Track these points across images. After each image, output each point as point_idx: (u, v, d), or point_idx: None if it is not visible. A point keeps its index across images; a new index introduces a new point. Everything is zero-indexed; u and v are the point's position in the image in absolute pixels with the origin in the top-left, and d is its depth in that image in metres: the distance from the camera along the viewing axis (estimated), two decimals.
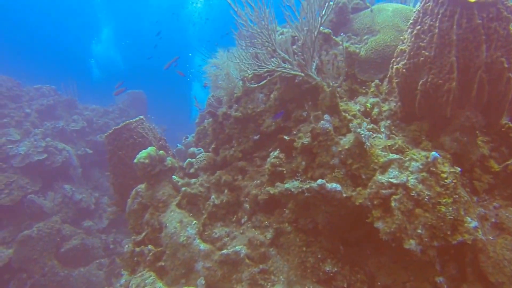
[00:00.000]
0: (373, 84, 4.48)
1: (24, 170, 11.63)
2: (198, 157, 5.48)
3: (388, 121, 3.97)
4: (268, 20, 4.19)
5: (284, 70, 4.23)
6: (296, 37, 4.59)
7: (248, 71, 4.88)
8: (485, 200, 3.41)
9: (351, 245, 3.58)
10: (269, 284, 3.92)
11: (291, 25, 4.17)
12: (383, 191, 3.02)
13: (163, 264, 4.48)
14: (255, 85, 4.72)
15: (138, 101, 18.55)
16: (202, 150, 5.84)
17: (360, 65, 4.74)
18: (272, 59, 4.31)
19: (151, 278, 4.22)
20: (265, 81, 4.64)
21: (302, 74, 4.14)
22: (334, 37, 4.91)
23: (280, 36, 4.48)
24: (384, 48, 4.79)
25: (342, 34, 5.03)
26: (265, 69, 4.37)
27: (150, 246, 4.66)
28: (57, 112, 14.80)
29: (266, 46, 4.30)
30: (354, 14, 5.70)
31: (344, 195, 3.18)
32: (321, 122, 3.42)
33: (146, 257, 4.69)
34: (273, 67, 4.25)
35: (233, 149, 5.19)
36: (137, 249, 4.84)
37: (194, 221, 4.52)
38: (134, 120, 6.32)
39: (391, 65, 4.20)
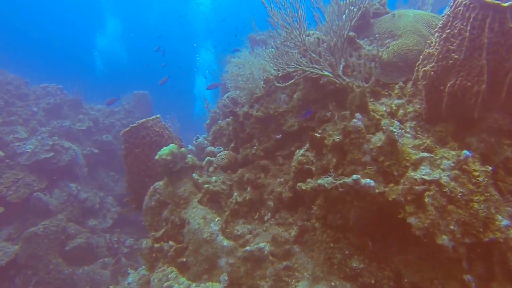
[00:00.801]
0: (397, 86, 4.57)
1: (31, 167, 11.72)
2: (218, 155, 5.54)
3: (413, 122, 4.05)
4: (301, 21, 4.27)
5: (312, 70, 4.31)
6: (321, 39, 4.68)
7: (273, 70, 4.98)
8: (510, 201, 3.48)
9: (377, 242, 3.64)
10: (293, 280, 3.98)
11: (320, 27, 4.25)
12: (417, 187, 3.09)
13: (184, 260, 4.52)
14: (283, 84, 4.80)
15: (143, 102, 18.64)
16: (221, 148, 5.90)
17: (382, 68, 4.83)
18: (301, 60, 4.39)
19: (174, 273, 4.26)
20: (292, 80, 4.73)
21: (331, 75, 4.22)
22: (358, 40, 5.00)
23: (307, 38, 4.56)
24: (407, 52, 4.88)
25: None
26: (294, 69, 4.45)
27: (171, 242, 4.71)
28: (63, 111, 14.89)
29: (298, 46, 4.38)
30: (374, 19, 5.80)
31: (377, 190, 3.25)
32: (353, 120, 3.49)
33: (166, 253, 4.74)
34: (302, 67, 4.33)
35: (255, 147, 5.26)
36: (156, 245, 4.89)
37: (218, 218, 4.57)
38: (151, 118, 6.38)
39: (416, 68, 4.29)
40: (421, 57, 4.19)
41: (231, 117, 5.75)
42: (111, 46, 42.47)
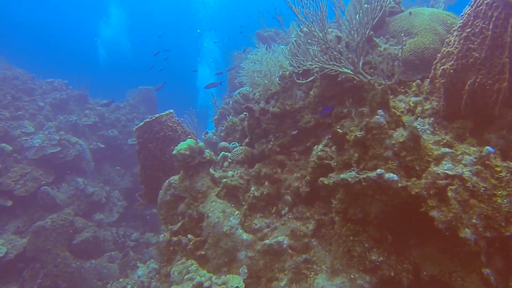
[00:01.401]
0: (414, 84, 4.64)
1: (38, 162, 11.77)
2: (234, 150, 5.60)
3: (431, 119, 4.12)
4: (323, 19, 4.33)
5: (333, 67, 4.37)
6: (339, 37, 4.75)
7: (290, 67, 5.04)
8: None
9: (396, 235, 3.71)
10: (312, 273, 4.06)
11: (341, 26, 4.31)
12: (440, 182, 3.16)
13: (203, 253, 4.59)
14: (303, 81, 4.86)
15: (148, 97, 18.68)
16: (236, 144, 5.96)
17: (404, 65, 4.90)
18: (322, 57, 4.45)
19: (194, 265, 4.33)
20: (312, 77, 4.78)
21: (352, 72, 4.28)
22: (375, 39, 5.06)
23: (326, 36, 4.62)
24: (423, 51, 4.94)
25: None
26: (314, 66, 4.52)
27: (190, 236, 4.78)
28: (69, 106, 14.93)
29: (320, 44, 4.44)
30: (389, 17, 5.86)
31: (400, 185, 3.32)
32: (376, 116, 3.55)
33: (185, 246, 4.81)
34: (323, 64, 4.40)
35: (271, 143, 5.33)
36: (174, 239, 4.96)
37: (237, 212, 4.65)
38: (164, 113, 6.43)
39: (433, 66, 4.36)
40: (439, 55, 4.27)
41: (247, 112, 5.80)
42: (115, 36, 42.27)
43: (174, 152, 5.02)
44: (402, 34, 5.08)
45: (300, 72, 5.24)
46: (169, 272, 4.90)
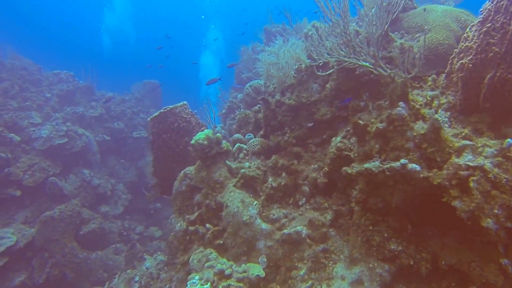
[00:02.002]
0: (430, 78, 4.72)
1: (45, 152, 11.85)
2: (250, 142, 5.68)
3: (448, 113, 4.21)
4: (345, 13, 4.41)
5: (352, 61, 4.45)
6: (357, 31, 4.83)
7: (307, 60, 5.12)
8: None
9: (415, 225, 3.79)
10: (330, 262, 4.14)
11: (363, 20, 4.38)
12: (462, 172, 3.24)
13: (221, 242, 4.68)
14: (323, 73, 4.94)
15: (153, 91, 18.76)
16: (252, 135, 6.03)
17: (413, 61, 4.97)
18: (341, 51, 4.53)
19: (214, 254, 4.41)
20: (331, 70, 4.85)
21: (371, 66, 4.36)
22: (390, 34, 5.13)
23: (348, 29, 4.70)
24: (437, 46, 5.02)
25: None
26: (335, 59, 4.60)
27: (208, 225, 4.86)
28: (76, 98, 14.97)
29: (343, 37, 4.52)
30: (402, 13, 5.93)
31: (421, 175, 3.40)
32: (397, 109, 3.64)
33: (202, 236, 4.90)
34: (343, 57, 4.48)
35: (287, 135, 5.41)
36: (191, 228, 5.04)
37: (255, 202, 4.73)
38: (179, 104, 6.49)
39: (450, 61, 4.44)
40: (455, 50, 4.34)
41: (262, 105, 5.88)
42: (119, 24, 42.06)
43: (192, 142, 5.08)
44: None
45: (317, 65, 5.32)
46: (186, 261, 4.98)
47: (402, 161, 3.38)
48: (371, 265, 3.79)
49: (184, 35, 45.26)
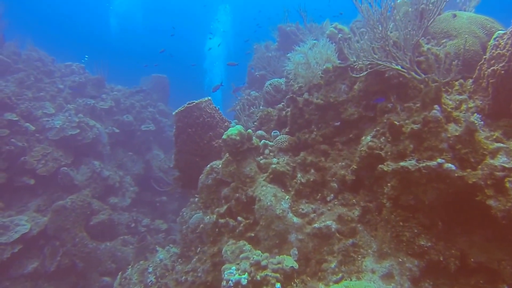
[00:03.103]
0: (457, 83, 4.89)
1: (58, 143, 11.99)
2: (277, 139, 5.82)
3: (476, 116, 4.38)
4: (385, 17, 4.57)
5: (386, 64, 4.62)
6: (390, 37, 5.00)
7: (337, 61, 5.28)
8: None
9: (444, 223, 3.95)
10: (359, 256, 4.31)
11: (398, 26, 4.55)
12: (497, 173, 3.41)
13: (252, 234, 4.85)
14: (359, 75, 5.10)
15: (161, 85, 18.96)
16: (278, 132, 6.18)
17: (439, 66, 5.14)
18: (375, 55, 4.70)
19: (248, 246, 4.56)
20: (365, 72, 5.02)
21: (404, 69, 4.53)
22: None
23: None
24: (464, 53, 5.19)
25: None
26: (369, 62, 4.77)
27: (240, 218, 5.02)
28: (87, 90, 15.11)
29: (380, 41, 4.68)
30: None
31: (456, 174, 3.58)
32: (433, 111, 3.82)
33: (233, 228, 5.06)
34: (378, 61, 4.65)
35: (314, 133, 5.57)
36: (222, 221, 5.19)
37: (287, 196, 4.90)
38: (204, 99, 6.63)
39: (478, 67, 4.62)
40: (485, 57, 4.52)
41: (290, 103, 6.03)
42: (128, 10, 42.03)
43: (223, 136, 5.23)
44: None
45: (347, 66, 5.50)
46: (216, 252, 5.14)
47: (439, 160, 3.56)
48: (400, 260, 3.94)
49: (191, 28, 45.28)
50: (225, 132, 5.32)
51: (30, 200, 10.96)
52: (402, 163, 3.82)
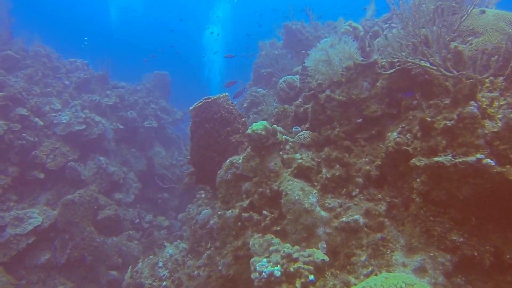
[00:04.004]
0: (487, 80, 4.93)
1: (65, 138, 12.05)
2: (300, 134, 5.87)
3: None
4: (418, 15, 4.62)
5: (416, 61, 4.68)
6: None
7: (360, 58, 5.33)
8: None
9: (477, 219, 3.99)
10: (388, 250, 4.36)
11: (427, 24, 4.60)
12: None
13: (278, 228, 4.89)
14: (389, 72, 5.15)
15: (162, 82, 19.01)
16: (299, 128, 6.22)
17: (465, 63, 5.18)
18: (403, 53, 4.76)
19: (276, 239, 4.60)
20: (393, 70, 5.06)
21: (434, 67, 4.58)
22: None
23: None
24: (492, 50, 5.23)
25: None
26: (398, 59, 4.83)
27: (266, 212, 5.06)
28: (91, 86, 15.14)
29: (413, 39, 4.73)
30: (452, 16, 6.14)
31: (495, 170, 3.63)
32: (470, 107, 3.87)
33: (257, 222, 5.09)
34: (408, 59, 4.71)
35: (337, 129, 5.62)
36: (245, 215, 5.22)
37: (314, 190, 4.95)
38: (221, 95, 6.62)
39: (510, 64, 4.66)
40: None
41: (312, 99, 6.08)
42: (128, 1, 42.00)
43: (248, 131, 5.25)
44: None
45: (362, 64, 5.57)
46: (239, 246, 5.18)
47: (478, 155, 3.60)
48: (431, 254, 3.98)
49: (190, 20, 45.22)
50: (249, 127, 5.34)
51: (40, 194, 11.11)
52: (436, 158, 3.87)
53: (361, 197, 5.00)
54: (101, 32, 46.56)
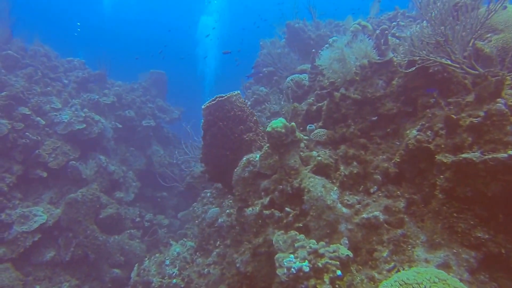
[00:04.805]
0: (509, 77, 4.99)
1: (65, 137, 12.06)
2: (315, 132, 5.93)
3: None
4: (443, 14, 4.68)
5: (437, 59, 4.74)
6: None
7: (376, 57, 5.40)
8: None
9: (504, 215, 4.03)
10: (409, 246, 4.43)
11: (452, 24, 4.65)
12: None
13: (300, 225, 4.93)
14: (409, 70, 5.21)
15: (159, 81, 19.01)
16: (313, 126, 6.28)
17: (484, 61, 5.24)
18: (423, 51, 4.83)
19: (301, 235, 4.64)
20: (413, 68, 5.12)
21: (457, 65, 4.65)
22: None
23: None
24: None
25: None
26: (418, 57, 4.89)
27: (288, 209, 5.10)
28: (89, 85, 15.11)
29: (439, 38, 4.78)
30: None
31: None
32: (497, 104, 3.93)
33: (278, 219, 5.13)
34: (427, 56, 4.77)
35: (352, 127, 5.69)
36: (266, 212, 5.26)
37: (335, 187, 5.01)
38: (234, 93, 6.64)
39: None
40: None
41: (327, 97, 6.14)
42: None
43: (268, 129, 5.28)
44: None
45: (383, 62, 5.63)
46: (260, 243, 5.22)
47: (510, 152, 3.66)
48: (455, 250, 4.02)
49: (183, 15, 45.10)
50: (268, 125, 5.38)
51: (43, 192, 11.21)
52: (464, 155, 3.93)
53: (380, 194, 5.06)
54: (94, 25, 46.23)
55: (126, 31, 48.52)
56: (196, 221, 9.81)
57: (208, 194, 10.30)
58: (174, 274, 8.31)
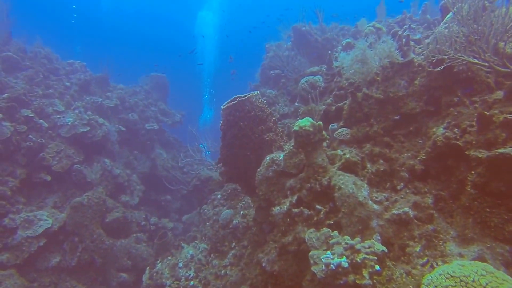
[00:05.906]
0: None
1: (69, 140, 12.00)
2: (339, 131, 6.01)
3: None
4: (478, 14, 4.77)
5: (464, 58, 4.84)
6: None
7: (399, 57, 5.48)
8: None
9: None
10: (440, 241, 4.50)
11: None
12: None
13: (331, 222, 4.99)
14: (438, 68, 5.29)
15: (160, 84, 18.97)
16: (335, 125, 6.35)
17: (508, 60, 5.34)
18: (449, 50, 4.92)
19: (334, 232, 4.69)
20: (441, 67, 5.21)
21: (486, 63, 4.73)
22: None
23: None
24: None
25: None
26: (447, 56, 4.98)
27: (318, 206, 5.15)
28: (91, 88, 15.05)
29: (472, 36, 4.87)
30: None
31: None
32: None
33: (310, 217, 5.18)
34: (459, 56, 4.87)
35: (375, 126, 5.77)
36: (295, 210, 5.30)
37: (365, 184, 5.07)
38: (254, 93, 6.67)
39: None
40: None
41: (350, 97, 6.22)
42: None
43: (295, 128, 5.33)
44: None
45: (405, 62, 5.72)
46: (290, 241, 5.26)
47: None
48: (488, 245, 4.08)
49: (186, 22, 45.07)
50: (295, 124, 5.43)
51: (48, 196, 11.01)
52: (500, 150, 4.01)
53: (407, 191, 5.14)
54: (92, 19, 45.92)
55: (124, 25, 48.31)
56: (208, 223, 9.82)
57: (219, 196, 10.33)
58: (191, 276, 8.31)
